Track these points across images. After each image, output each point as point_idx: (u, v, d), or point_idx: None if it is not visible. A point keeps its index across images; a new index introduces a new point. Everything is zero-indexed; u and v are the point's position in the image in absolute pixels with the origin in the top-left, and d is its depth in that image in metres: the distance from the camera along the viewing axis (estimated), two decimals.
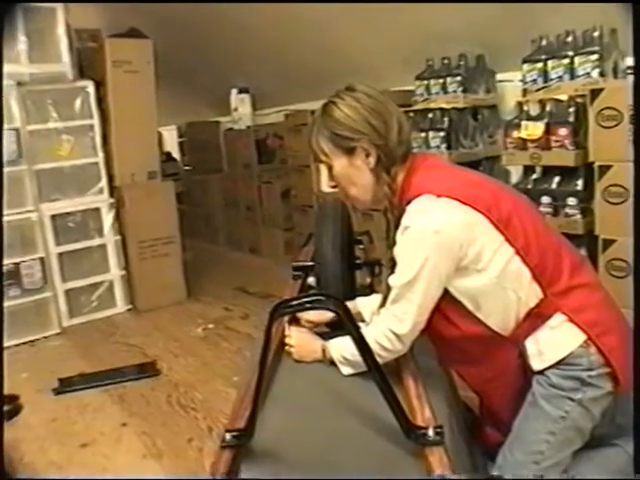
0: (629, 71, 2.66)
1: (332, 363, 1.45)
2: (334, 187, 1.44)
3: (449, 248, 1.26)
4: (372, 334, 1.32)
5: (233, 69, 4.93)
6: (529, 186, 2.70)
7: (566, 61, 2.59)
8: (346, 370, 1.42)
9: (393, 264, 1.34)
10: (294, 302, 1.24)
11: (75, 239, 3.81)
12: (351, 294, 1.83)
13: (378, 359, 1.25)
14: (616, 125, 2.32)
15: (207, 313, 3.78)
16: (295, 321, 1.69)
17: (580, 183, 2.55)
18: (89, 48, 4.09)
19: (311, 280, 2.14)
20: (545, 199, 2.62)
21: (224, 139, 5.71)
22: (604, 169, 2.39)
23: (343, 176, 1.40)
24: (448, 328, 1.36)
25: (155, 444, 2.26)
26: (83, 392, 2.75)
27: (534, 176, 2.72)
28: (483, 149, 3.27)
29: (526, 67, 2.73)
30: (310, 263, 2.17)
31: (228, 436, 1.18)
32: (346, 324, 1.21)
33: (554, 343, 1.32)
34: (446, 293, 1.32)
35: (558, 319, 1.31)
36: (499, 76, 3.35)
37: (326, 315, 1.68)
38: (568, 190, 2.57)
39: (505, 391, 1.43)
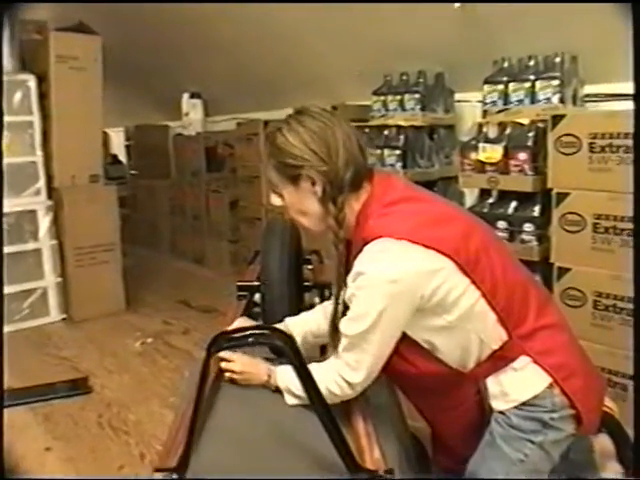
0: (587, 99, 2.66)
1: (277, 389, 1.35)
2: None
3: (407, 298, 1.16)
4: (321, 379, 1.19)
5: (186, 72, 4.77)
6: (485, 210, 2.64)
7: (527, 85, 2.56)
8: (291, 400, 1.31)
9: (345, 308, 1.23)
10: (235, 335, 1.13)
11: (8, 242, 3.57)
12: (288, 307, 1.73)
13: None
14: (575, 152, 2.28)
15: (146, 326, 3.60)
16: None
17: (537, 209, 2.51)
18: (33, 40, 3.87)
19: (257, 298, 2.02)
20: (501, 224, 2.57)
21: (173, 144, 5.54)
22: (562, 196, 2.35)
23: (293, 206, 1.30)
24: (403, 365, 1.27)
25: (80, 472, 2.08)
26: (6, 410, 2.54)
27: (490, 200, 2.67)
28: (439, 169, 3.21)
29: (487, 88, 2.69)
30: (256, 283, 2.05)
31: (158, 476, 1.06)
32: (293, 362, 1.11)
33: (518, 385, 1.25)
34: (403, 334, 1.22)
35: (523, 361, 1.24)
36: (457, 96, 3.32)
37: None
38: (525, 216, 2.53)
39: (459, 422, 1.36)
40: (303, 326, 1.53)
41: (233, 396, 1.39)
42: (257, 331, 1.13)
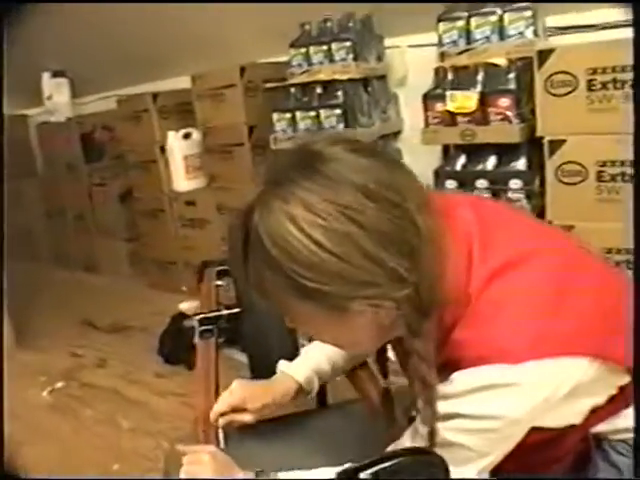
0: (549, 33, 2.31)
1: None
2: None
3: (530, 425, 0.78)
4: None
5: (42, 47, 3.92)
6: (457, 168, 2.26)
7: (494, 18, 2.15)
8: None
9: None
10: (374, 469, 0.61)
11: None
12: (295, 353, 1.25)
13: None
14: (570, 92, 1.95)
15: (49, 365, 2.89)
16: None
17: (523, 162, 2.15)
18: None
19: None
20: (481, 183, 2.19)
21: (38, 135, 4.69)
22: (556, 144, 2.02)
23: (322, 332, 0.83)
24: None
25: None
26: None
27: (462, 157, 2.27)
28: (379, 126, 2.78)
29: (443, 26, 2.24)
30: (225, 312, 1.53)
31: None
32: None
33: None
34: None
35: None
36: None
37: (279, 392, 1.11)
38: (509, 171, 2.17)
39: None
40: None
41: None
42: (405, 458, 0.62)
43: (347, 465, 0.82)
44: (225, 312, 1.51)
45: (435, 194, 0.78)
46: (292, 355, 1.20)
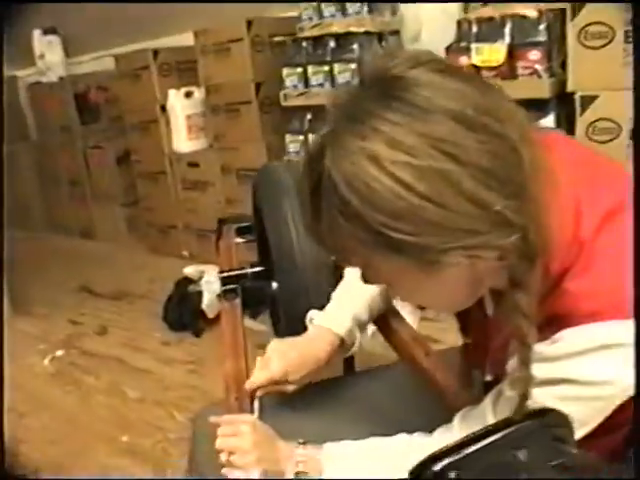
0: None
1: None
2: None
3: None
4: None
5: (32, 2, 3.74)
6: None
7: None
8: None
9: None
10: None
11: None
12: None
13: None
14: (606, 44, 1.83)
15: (48, 332, 2.80)
16: None
17: (551, 119, 2.04)
18: None
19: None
20: None
21: (29, 97, 4.51)
22: (588, 100, 1.91)
23: (403, 289, 0.69)
24: None
25: None
26: None
27: None
28: None
29: None
30: (248, 270, 1.43)
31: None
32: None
33: None
34: None
35: None
36: None
37: (322, 354, 0.99)
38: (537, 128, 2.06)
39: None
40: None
41: None
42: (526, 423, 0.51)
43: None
44: (250, 270, 1.41)
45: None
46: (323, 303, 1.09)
